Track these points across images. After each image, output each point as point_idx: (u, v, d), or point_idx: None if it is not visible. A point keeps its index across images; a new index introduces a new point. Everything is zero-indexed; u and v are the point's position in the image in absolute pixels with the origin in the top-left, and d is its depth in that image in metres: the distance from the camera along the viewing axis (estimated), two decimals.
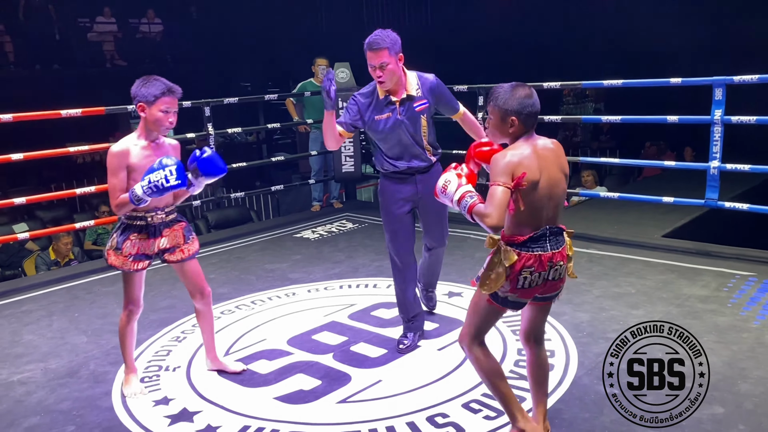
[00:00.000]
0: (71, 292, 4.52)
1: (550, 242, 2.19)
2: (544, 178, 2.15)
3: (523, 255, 2.16)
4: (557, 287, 2.29)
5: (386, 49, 2.98)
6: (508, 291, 2.20)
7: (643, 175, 8.68)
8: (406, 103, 3.14)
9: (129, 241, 2.83)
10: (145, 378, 3.15)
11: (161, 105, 2.72)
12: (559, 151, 2.25)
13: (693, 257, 4.52)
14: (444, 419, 2.66)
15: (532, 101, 2.18)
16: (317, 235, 5.72)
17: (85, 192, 5.38)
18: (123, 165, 2.73)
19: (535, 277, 2.18)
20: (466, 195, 2.19)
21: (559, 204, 2.22)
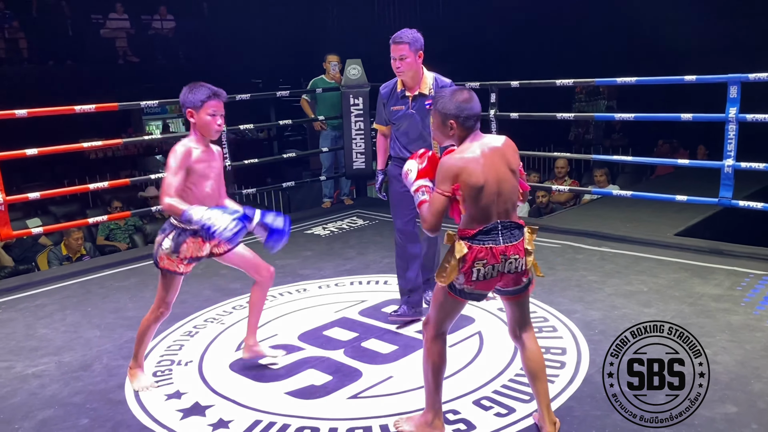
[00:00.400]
0: (84, 287, 4.55)
1: (503, 235, 2.27)
2: (490, 176, 2.24)
3: (474, 248, 2.25)
4: (519, 281, 2.34)
5: (407, 44, 3.33)
6: (463, 283, 2.30)
7: (655, 174, 8.62)
8: (419, 99, 3.46)
9: (185, 245, 2.84)
10: (158, 372, 3.17)
11: (208, 109, 2.78)
12: (508, 149, 2.33)
13: (706, 256, 4.49)
14: (455, 416, 2.66)
15: (470, 105, 2.27)
16: (328, 232, 5.73)
17: (98, 187, 5.42)
18: (186, 164, 2.75)
19: (488, 269, 2.26)
20: (420, 190, 2.33)
21: (510, 199, 2.31)
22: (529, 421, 2.60)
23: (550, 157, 8.88)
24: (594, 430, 2.52)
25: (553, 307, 3.71)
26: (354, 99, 6.34)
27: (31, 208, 8.38)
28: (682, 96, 7.15)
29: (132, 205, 8.22)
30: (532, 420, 2.59)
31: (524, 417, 2.62)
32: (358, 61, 6.39)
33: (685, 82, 4.60)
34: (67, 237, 6.20)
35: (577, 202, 6.89)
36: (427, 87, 3.45)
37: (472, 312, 3.69)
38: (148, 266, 4.95)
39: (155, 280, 4.56)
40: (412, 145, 3.47)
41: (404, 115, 3.48)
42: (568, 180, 7.22)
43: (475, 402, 2.76)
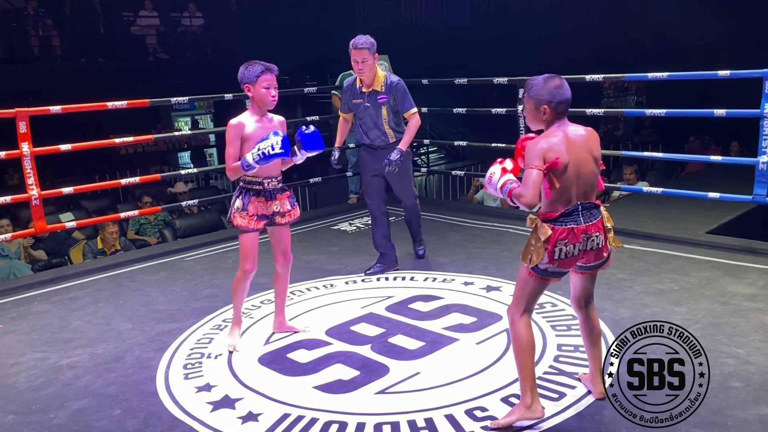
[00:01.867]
0: (116, 280, 4.63)
1: (584, 216, 2.42)
2: (572, 160, 2.38)
3: (556, 229, 2.40)
4: (600, 256, 2.51)
5: (367, 49, 4.01)
6: (547, 263, 2.43)
7: (686, 171, 8.48)
8: (372, 95, 4.19)
9: (252, 204, 3.22)
10: (188, 365, 3.22)
11: (263, 83, 3.13)
12: (591, 137, 2.48)
13: (739, 254, 4.41)
14: (483, 413, 2.65)
15: (562, 91, 2.43)
16: (354, 228, 5.75)
17: (129, 182, 5.51)
18: (239, 135, 3.13)
19: (570, 248, 2.42)
20: (507, 183, 2.47)
21: (589, 182, 2.44)
22: (557, 419, 2.58)
23: None
24: (624, 429, 2.49)
25: None
26: None
27: (64, 203, 8.54)
28: (712, 91, 7.03)
29: (161, 200, 8.34)
30: (561, 418, 2.58)
31: (553, 415, 2.61)
32: (385, 56, 6.39)
33: (719, 77, 4.51)
34: (103, 231, 6.30)
35: (606, 199, 6.81)
36: (380, 84, 4.16)
37: (500, 309, 3.68)
38: (177, 260, 5.03)
39: (185, 274, 4.67)
40: (370, 132, 4.28)
41: (362, 108, 4.22)
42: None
43: (503, 399, 2.75)
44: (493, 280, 4.19)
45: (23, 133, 4.55)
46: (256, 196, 3.24)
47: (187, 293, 4.27)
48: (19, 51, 10.80)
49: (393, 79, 4.19)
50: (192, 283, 4.47)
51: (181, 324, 3.74)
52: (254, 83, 3.13)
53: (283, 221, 3.34)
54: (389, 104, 4.17)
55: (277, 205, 3.29)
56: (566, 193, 2.40)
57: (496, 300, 3.83)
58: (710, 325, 3.33)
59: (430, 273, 4.39)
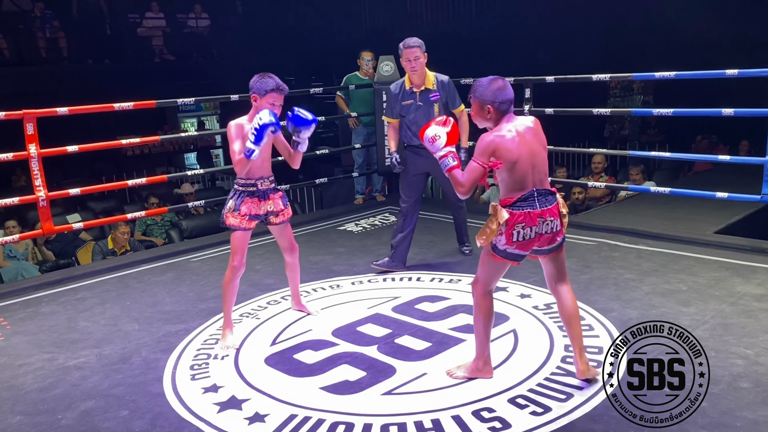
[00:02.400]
0: (123, 281, 4.64)
1: (539, 201, 2.64)
2: (524, 152, 2.60)
3: (514, 213, 2.62)
4: (554, 240, 2.72)
5: (418, 47, 4.15)
6: (505, 244, 2.66)
7: (693, 170, 8.44)
8: (424, 93, 4.25)
9: (245, 204, 3.36)
10: (194, 366, 3.22)
11: (270, 98, 3.28)
12: (537, 127, 2.70)
13: (748, 254, 4.38)
14: (490, 414, 2.64)
15: (504, 92, 2.63)
16: (360, 228, 5.74)
17: (136, 183, 5.52)
18: (240, 134, 3.27)
19: (527, 231, 2.63)
20: (449, 155, 2.68)
21: (542, 170, 2.67)
22: (565, 420, 2.57)
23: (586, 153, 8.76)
24: (632, 430, 2.48)
25: (590, 305, 3.67)
26: (387, 95, 6.33)
27: (71, 204, 8.58)
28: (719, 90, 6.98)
29: (168, 201, 8.35)
30: (569, 419, 2.57)
31: (560, 416, 2.59)
32: (391, 57, 6.38)
33: (727, 76, 4.48)
34: (115, 231, 6.32)
35: (613, 199, 6.79)
36: (431, 83, 4.25)
37: (507, 310, 3.67)
38: (184, 261, 5.04)
39: (192, 275, 4.67)
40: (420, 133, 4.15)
41: (414, 107, 4.26)
42: (605, 176, 7.12)
43: (510, 400, 2.74)
44: (500, 280, 4.15)
45: (30, 135, 4.56)
46: (250, 197, 3.38)
47: (194, 294, 4.27)
48: (26, 53, 10.85)
49: (443, 77, 4.31)
50: (199, 283, 4.48)
51: (188, 325, 3.75)
52: (262, 96, 3.28)
53: (278, 221, 3.52)
54: (441, 101, 4.27)
55: (270, 204, 3.44)
56: (522, 182, 2.61)
57: (502, 300, 3.82)
58: (719, 325, 3.31)
59: (436, 273, 4.38)
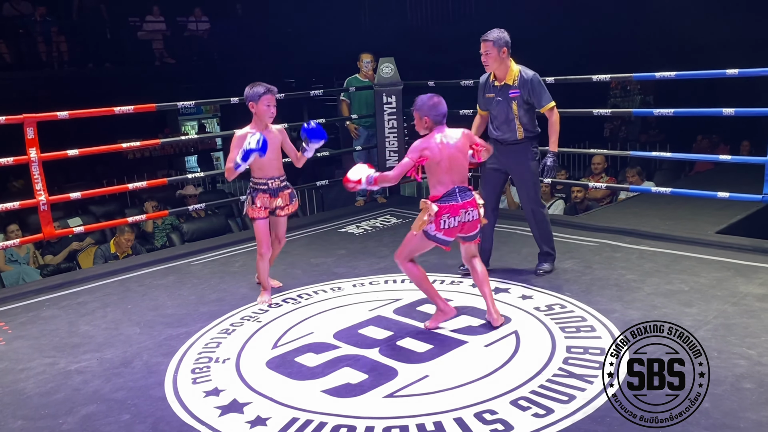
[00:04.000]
0: (124, 285, 4.64)
1: (460, 196, 3.28)
2: (444, 156, 3.25)
3: (442, 206, 3.26)
4: (475, 227, 3.38)
5: (491, 42, 4.02)
6: (435, 230, 3.29)
7: (694, 170, 8.43)
8: (504, 89, 4.13)
9: (259, 199, 3.92)
10: (196, 369, 3.22)
11: (264, 102, 3.78)
12: (462, 137, 3.32)
13: (750, 254, 4.37)
14: (492, 416, 2.64)
15: (439, 107, 3.27)
16: (362, 230, 5.74)
17: (137, 187, 5.52)
18: (239, 145, 3.70)
19: (451, 220, 3.27)
20: (369, 176, 3.23)
21: (461, 172, 3.31)
22: (568, 422, 2.56)
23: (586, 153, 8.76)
24: (635, 430, 2.47)
25: (591, 306, 3.66)
26: (387, 97, 6.34)
27: (72, 208, 8.59)
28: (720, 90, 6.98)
29: (169, 205, 8.36)
30: (571, 421, 2.56)
31: (563, 418, 2.59)
32: (391, 59, 6.38)
33: (727, 75, 4.47)
34: (120, 235, 6.32)
35: (613, 200, 6.78)
36: (512, 78, 4.10)
37: (508, 311, 3.66)
38: (185, 265, 5.04)
39: (193, 278, 4.68)
40: (501, 127, 4.17)
41: (494, 101, 4.17)
42: (605, 177, 7.11)
43: (513, 402, 2.73)
44: (502, 281, 4.16)
45: (31, 139, 4.56)
46: (263, 193, 3.92)
47: (195, 297, 4.27)
48: (26, 57, 10.87)
49: (528, 73, 4.09)
50: (200, 287, 4.48)
51: (189, 328, 3.74)
52: (257, 102, 3.76)
53: (283, 213, 4.03)
54: (522, 98, 4.07)
55: (279, 201, 3.98)
56: (444, 180, 3.26)
57: (504, 302, 3.81)
58: (721, 326, 3.30)
59: (438, 275, 4.38)
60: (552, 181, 6.44)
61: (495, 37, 4.00)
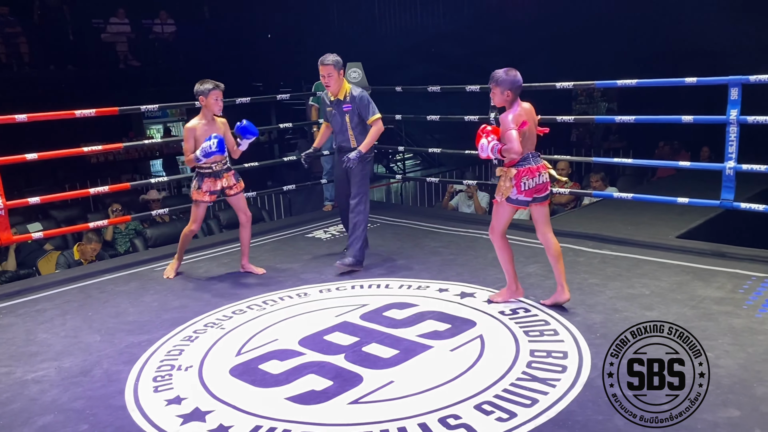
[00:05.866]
0: (84, 292, 4.54)
1: (533, 160, 3.59)
2: (531, 122, 3.57)
3: (520, 170, 3.57)
4: (546, 188, 3.66)
5: (332, 65, 4.51)
6: (516, 194, 3.59)
7: (656, 176, 8.60)
8: (339, 104, 4.64)
9: (205, 183, 4.45)
10: (158, 377, 3.16)
11: (213, 96, 4.35)
12: (532, 109, 3.65)
13: (708, 258, 4.48)
14: (456, 420, 2.64)
15: (517, 79, 3.53)
16: (329, 235, 5.72)
17: (98, 191, 5.42)
18: (192, 135, 4.35)
19: (530, 181, 3.57)
20: (495, 145, 3.55)
21: (534, 139, 3.63)
22: (530, 425, 2.58)
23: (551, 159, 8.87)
24: None
25: (555, 310, 3.70)
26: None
27: (32, 213, 8.38)
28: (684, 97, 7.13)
29: (133, 209, 8.22)
30: (534, 425, 2.58)
31: (526, 422, 2.61)
32: (358, 64, 6.38)
33: (686, 84, 4.59)
34: (86, 244, 6.19)
35: (578, 205, 6.88)
36: (344, 94, 4.61)
37: (474, 316, 3.69)
38: (148, 270, 4.96)
39: (156, 284, 4.61)
40: (338, 136, 4.76)
41: (332, 114, 4.72)
42: (570, 182, 7.21)
43: (477, 407, 2.74)
44: (468, 286, 4.19)
45: None
46: (208, 177, 4.45)
47: (158, 304, 4.20)
48: None
49: (356, 92, 4.62)
50: (163, 293, 4.41)
51: (151, 335, 3.68)
52: (207, 96, 4.33)
53: (232, 192, 4.56)
54: (354, 112, 4.62)
55: (224, 181, 4.50)
56: (525, 145, 3.53)
57: (470, 306, 3.84)
58: None
59: (404, 280, 4.39)
60: None
61: (333, 60, 4.52)
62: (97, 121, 6.04)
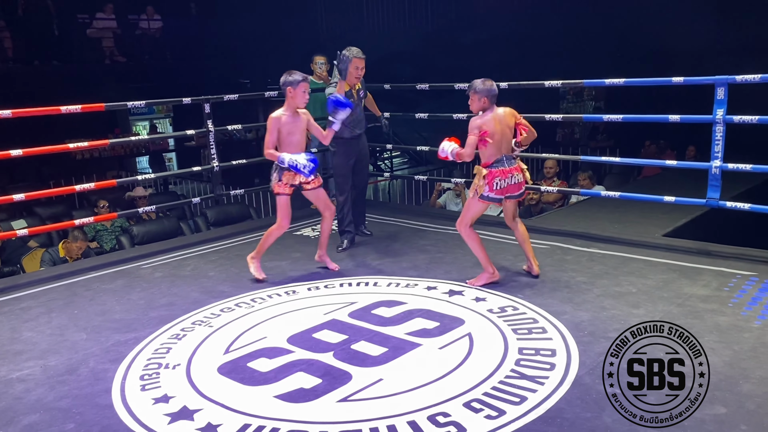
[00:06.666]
0: (70, 289, 4.50)
1: (507, 162, 3.97)
2: (497, 130, 3.91)
3: (492, 170, 3.95)
4: (519, 188, 4.05)
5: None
6: (488, 191, 3.96)
7: (642, 174, 8.66)
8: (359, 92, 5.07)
9: (285, 176, 4.27)
10: (145, 375, 3.14)
11: (302, 88, 4.23)
12: (508, 114, 3.99)
13: (694, 257, 4.51)
14: (445, 418, 2.65)
15: (492, 89, 3.92)
16: (317, 233, 5.70)
17: (84, 188, 5.37)
18: (276, 127, 4.24)
19: (502, 182, 3.95)
20: (453, 148, 4.00)
21: (508, 143, 3.98)
22: (519, 423, 2.59)
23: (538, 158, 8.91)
24: (585, 431, 2.51)
25: (543, 308, 3.72)
26: None
27: (17, 210, 8.29)
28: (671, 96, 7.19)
29: (119, 206, 8.15)
30: (523, 422, 2.59)
31: (514, 419, 2.62)
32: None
33: (673, 83, 4.62)
34: (72, 242, 6.13)
35: (566, 203, 6.91)
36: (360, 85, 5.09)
37: (462, 313, 3.69)
38: (134, 268, 4.92)
39: (143, 282, 4.58)
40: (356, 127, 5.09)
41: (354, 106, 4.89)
42: (557, 180, 7.25)
43: (466, 404, 2.74)
44: (456, 284, 4.19)
45: None
46: (287, 171, 4.26)
47: (145, 302, 4.17)
48: None
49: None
50: (149, 291, 4.37)
51: (138, 333, 3.65)
52: (296, 87, 4.20)
53: (309, 187, 4.40)
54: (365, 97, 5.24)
55: (302, 176, 4.29)
56: (496, 150, 3.93)
57: (458, 304, 3.84)
58: None
59: (393, 278, 4.38)
60: None
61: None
62: (83, 118, 5.97)
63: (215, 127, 5.72)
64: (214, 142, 5.73)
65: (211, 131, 5.67)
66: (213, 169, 5.78)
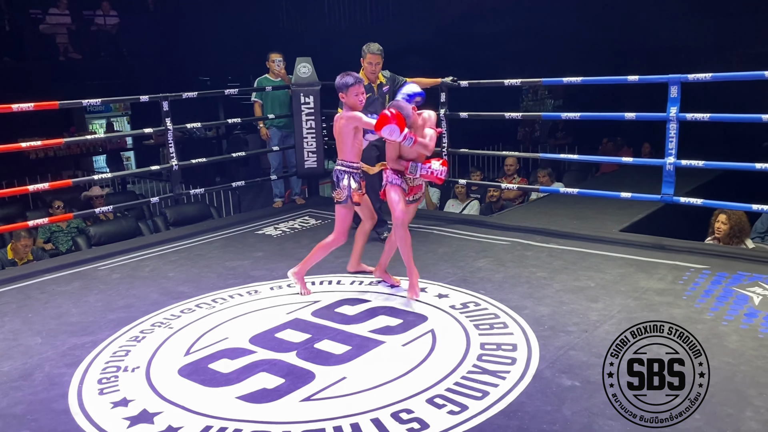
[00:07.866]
0: (23, 292, 4.37)
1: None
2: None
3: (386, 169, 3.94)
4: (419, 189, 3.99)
5: (380, 53, 4.90)
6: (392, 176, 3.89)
7: (600, 171, 8.83)
8: (380, 87, 4.97)
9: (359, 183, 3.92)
10: (103, 379, 3.07)
11: (353, 92, 3.81)
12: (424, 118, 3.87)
13: (650, 251, 4.62)
14: (408, 415, 2.66)
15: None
16: (279, 232, 5.66)
17: (38, 189, 5.23)
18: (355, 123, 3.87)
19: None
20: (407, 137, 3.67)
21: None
22: (481, 417, 2.62)
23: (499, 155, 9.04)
24: (545, 424, 2.56)
25: (504, 303, 3.76)
26: (305, 97, 6.28)
27: None
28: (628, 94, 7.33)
29: (75, 207, 7.95)
30: (485, 417, 2.62)
31: (476, 414, 2.64)
32: (308, 59, 6.32)
33: (628, 82, 4.72)
34: (16, 241, 5.95)
35: (526, 200, 7.01)
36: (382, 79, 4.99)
37: (425, 310, 3.71)
38: (91, 269, 4.81)
39: (100, 284, 4.47)
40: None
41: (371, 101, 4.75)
42: (517, 178, 7.34)
43: (429, 400, 2.76)
44: (419, 281, 4.20)
45: None
46: (362, 178, 3.96)
47: (102, 304, 4.08)
48: None
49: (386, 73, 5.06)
50: (107, 293, 4.28)
51: (96, 337, 3.57)
52: (346, 92, 3.79)
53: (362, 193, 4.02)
54: (390, 91, 5.01)
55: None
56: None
57: (421, 301, 3.86)
58: (624, 320, 3.47)
59: (356, 276, 4.38)
60: (467, 182, 6.59)
61: (381, 49, 4.84)
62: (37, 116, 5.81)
63: (174, 125, 5.63)
64: (172, 141, 5.64)
65: (170, 129, 5.58)
66: (172, 168, 5.69)
